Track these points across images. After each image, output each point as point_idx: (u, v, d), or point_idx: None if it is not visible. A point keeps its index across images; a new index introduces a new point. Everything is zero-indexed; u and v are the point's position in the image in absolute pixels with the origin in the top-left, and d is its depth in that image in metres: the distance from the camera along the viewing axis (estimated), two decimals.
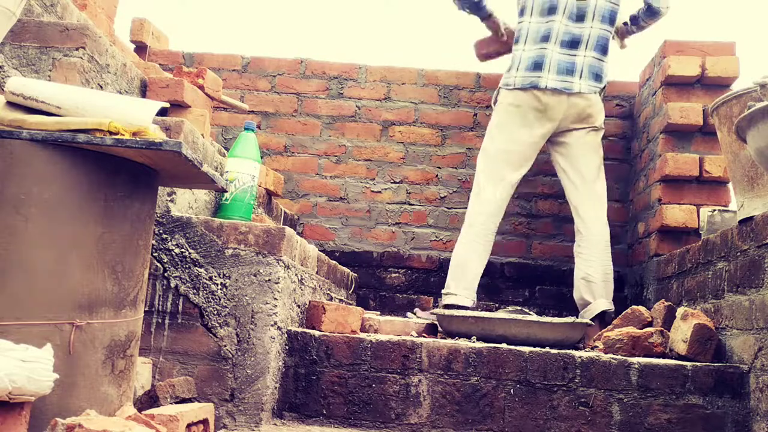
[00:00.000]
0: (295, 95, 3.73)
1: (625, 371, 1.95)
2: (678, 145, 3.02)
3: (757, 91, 1.99)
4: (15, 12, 1.41)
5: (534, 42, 2.94)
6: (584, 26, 2.93)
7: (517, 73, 2.94)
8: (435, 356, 2.01)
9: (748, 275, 1.92)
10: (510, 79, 2.97)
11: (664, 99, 3.04)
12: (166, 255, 1.92)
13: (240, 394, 1.87)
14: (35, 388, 1.13)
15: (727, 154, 2.26)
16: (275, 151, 3.69)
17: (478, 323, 2.22)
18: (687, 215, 2.93)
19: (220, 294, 1.91)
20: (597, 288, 2.88)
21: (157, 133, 1.43)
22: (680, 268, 2.55)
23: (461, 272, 2.89)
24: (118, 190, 1.41)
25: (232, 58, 3.78)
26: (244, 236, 1.93)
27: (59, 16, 2.12)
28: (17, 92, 1.40)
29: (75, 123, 1.35)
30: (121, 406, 1.45)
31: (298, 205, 3.64)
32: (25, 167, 1.31)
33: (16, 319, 1.28)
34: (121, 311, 1.43)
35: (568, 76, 2.89)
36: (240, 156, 2.20)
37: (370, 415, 1.98)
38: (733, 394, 1.92)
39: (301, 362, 2.03)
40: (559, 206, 3.55)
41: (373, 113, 3.68)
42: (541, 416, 1.95)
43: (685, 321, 2.08)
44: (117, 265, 1.41)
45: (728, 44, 3.03)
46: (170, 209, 1.99)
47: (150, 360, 1.86)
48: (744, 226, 1.99)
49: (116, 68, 2.14)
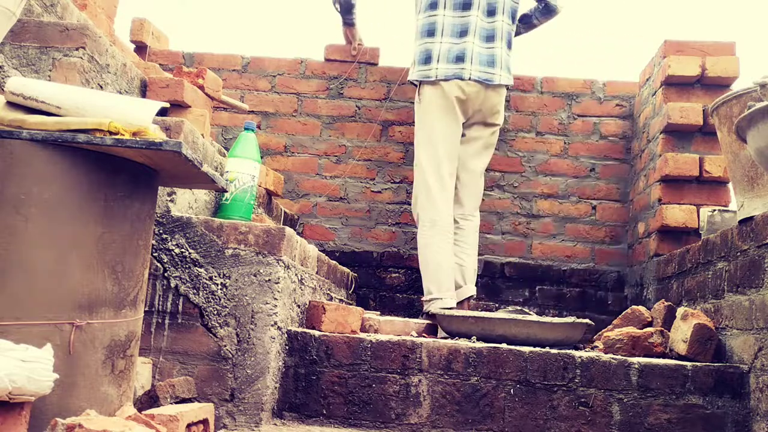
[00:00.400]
0: (295, 95, 3.73)
1: (625, 371, 1.96)
2: (678, 145, 3.02)
3: (757, 91, 1.99)
4: (15, 12, 1.41)
5: (453, 35, 2.97)
6: (496, 20, 3.00)
7: (439, 65, 2.94)
8: (435, 356, 2.01)
9: (748, 275, 1.92)
10: (430, 72, 2.95)
11: (664, 99, 3.04)
12: (166, 255, 1.92)
13: (240, 394, 1.87)
14: (35, 388, 1.13)
15: (727, 154, 2.26)
16: (275, 151, 3.69)
17: (478, 323, 2.22)
18: (687, 215, 2.93)
19: (220, 294, 1.91)
20: (468, 274, 3.02)
21: (157, 133, 1.43)
22: (680, 268, 2.55)
23: (439, 275, 2.90)
24: (118, 190, 1.41)
25: (232, 58, 3.78)
26: (244, 236, 1.93)
27: (59, 16, 2.12)
28: (17, 92, 1.40)
29: (75, 123, 1.35)
30: (121, 406, 1.45)
31: (298, 205, 3.64)
32: (25, 167, 1.31)
33: (16, 319, 1.28)
34: (121, 311, 1.43)
35: (490, 67, 2.95)
36: (240, 156, 2.20)
37: (370, 415, 1.98)
38: (733, 394, 1.92)
39: (301, 362, 2.03)
40: (559, 206, 3.55)
41: (373, 113, 3.68)
42: (541, 416, 1.95)
43: (685, 321, 2.08)
44: (117, 265, 1.41)
45: (728, 44, 3.03)
46: (170, 209, 1.99)
47: (150, 360, 1.86)
48: (744, 226, 1.99)
49: (116, 68, 2.14)
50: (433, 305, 2.84)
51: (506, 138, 3.61)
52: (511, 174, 3.60)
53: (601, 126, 3.60)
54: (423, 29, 3.01)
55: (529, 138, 3.62)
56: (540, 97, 3.62)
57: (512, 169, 3.60)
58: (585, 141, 3.60)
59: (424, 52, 2.98)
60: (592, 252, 3.52)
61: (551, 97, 3.64)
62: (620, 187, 3.56)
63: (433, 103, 2.96)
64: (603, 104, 3.61)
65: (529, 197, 3.57)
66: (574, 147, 3.59)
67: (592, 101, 3.62)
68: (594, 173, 3.57)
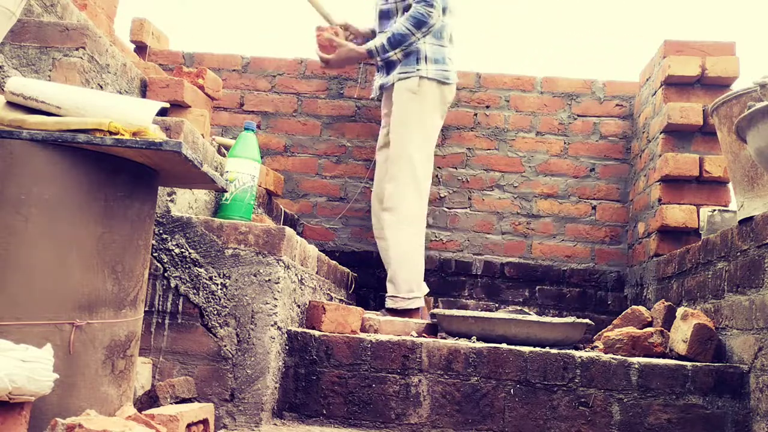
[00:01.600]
0: (295, 95, 3.73)
1: (625, 371, 1.95)
2: (678, 145, 3.02)
3: (757, 91, 1.99)
4: (15, 12, 1.41)
5: (450, 41, 3.07)
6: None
7: (451, 68, 3.03)
8: (435, 356, 2.01)
9: (748, 275, 1.92)
10: (448, 74, 3.00)
11: (664, 99, 3.04)
12: (166, 255, 1.92)
13: (240, 394, 1.87)
14: (35, 388, 1.13)
15: (727, 154, 2.26)
16: (275, 151, 3.69)
17: (478, 323, 2.22)
18: (687, 215, 2.93)
19: (220, 294, 1.91)
20: None
21: (157, 133, 1.43)
22: (680, 268, 2.55)
23: (419, 275, 2.94)
24: (118, 190, 1.41)
25: (232, 58, 3.78)
26: (244, 236, 1.93)
27: (59, 16, 2.12)
28: (17, 92, 1.40)
29: (75, 123, 1.35)
30: (121, 406, 1.45)
31: (298, 205, 3.64)
32: (25, 167, 1.31)
33: (16, 319, 1.28)
34: (121, 311, 1.43)
35: None
36: (240, 156, 2.20)
37: (370, 415, 1.98)
38: (733, 394, 1.92)
39: (301, 362, 2.03)
40: (559, 206, 3.55)
41: (373, 113, 3.68)
42: (541, 416, 1.95)
43: (685, 321, 2.08)
44: (117, 265, 1.41)
45: (728, 44, 3.03)
46: (170, 209, 1.99)
47: (150, 360, 1.86)
48: (744, 226, 1.99)
49: (116, 68, 2.14)
50: (414, 303, 2.88)
51: (506, 138, 3.61)
52: (511, 174, 3.60)
53: (601, 126, 3.60)
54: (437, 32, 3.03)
55: (529, 138, 3.62)
56: (540, 97, 3.62)
57: (512, 169, 3.60)
58: (585, 141, 3.60)
59: (434, 53, 3.00)
60: (592, 252, 3.52)
61: (551, 97, 3.64)
62: (620, 187, 3.56)
63: (438, 102, 2.99)
64: (603, 104, 3.61)
65: (529, 197, 3.57)
66: (574, 147, 3.59)
67: (592, 101, 3.62)
68: (594, 173, 3.57)
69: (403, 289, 2.89)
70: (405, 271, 2.90)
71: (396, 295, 2.91)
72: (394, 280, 2.91)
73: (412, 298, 2.88)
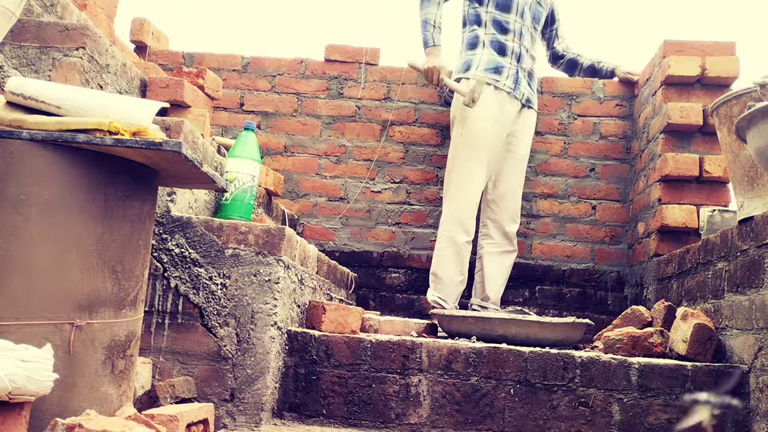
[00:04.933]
0: (295, 95, 3.73)
1: (625, 371, 1.96)
2: (678, 145, 3.02)
3: (757, 91, 1.99)
4: (15, 12, 1.41)
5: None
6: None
7: (508, 79, 3.08)
8: (435, 356, 2.01)
9: (748, 275, 1.92)
10: (509, 82, 3.07)
11: (664, 99, 3.04)
12: (166, 255, 1.92)
13: (240, 394, 1.87)
14: (35, 388, 1.13)
15: (727, 154, 2.26)
16: (275, 151, 3.69)
17: (478, 323, 2.22)
18: (687, 215, 2.93)
19: (220, 294, 1.91)
20: None
21: (157, 133, 1.43)
22: (680, 268, 2.55)
23: None
24: (118, 190, 1.41)
25: (232, 58, 3.78)
26: (244, 236, 1.93)
27: (59, 16, 2.12)
28: (17, 92, 1.40)
29: (75, 123, 1.35)
30: (121, 406, 1.45)
31: (298, 205, 3.64)
32: (25, 167, 1.31)
33: (16, 319, 1.28)
34: (121, 311, 1.43)
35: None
36: (240, 156, 2.20)
37: (370, 415, 1.98)
38: (733, 394, 1.92)
39: (301, 362, 2.03)
40: (559, 206, 3.55)
41: (373, 113, 3.68)
42: (541, 416, 1.95)
43: (685, 321, 2.08)
44: (117, 265, 1.41)
45: (728, 44, 3.03)
46: (170, 209, 1.99)
47: (150, 360, 1.86)
48: (744, 226, 1.99)
49: (116, 68, 2.14)
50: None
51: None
52: None
53: (601, 126, 3.60)
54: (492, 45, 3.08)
55: None
56: (540, 97, 3.61)
57: None
58: (585, 141, 3.59)
59: (497, 63, 3.05)
60: (592, 252, 3.52)
61: (551, 97, 3.63)
62: (620, 187, 3.56)
63: (497, 110, 3.05)
64: (603, 104, 3.61)
65: (529, 197, 3.57)
66: (574, 147, 3.59)
67: (592, 101, 3.62)
68: (594, 173, 3.57)
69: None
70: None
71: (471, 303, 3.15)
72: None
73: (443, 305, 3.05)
